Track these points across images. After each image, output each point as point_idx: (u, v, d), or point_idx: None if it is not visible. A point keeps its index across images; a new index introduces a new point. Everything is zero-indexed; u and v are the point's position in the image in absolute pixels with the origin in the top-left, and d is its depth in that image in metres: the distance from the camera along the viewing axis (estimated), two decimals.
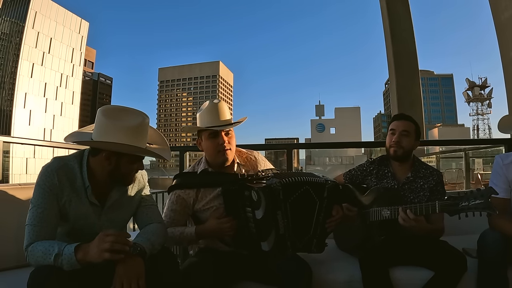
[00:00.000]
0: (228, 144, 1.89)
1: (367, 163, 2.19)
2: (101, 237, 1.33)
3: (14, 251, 1.75)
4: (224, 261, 1.80)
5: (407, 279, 1.80)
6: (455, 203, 1.67)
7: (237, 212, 1.77)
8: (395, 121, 2.10)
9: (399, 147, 2.02)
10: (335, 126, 44.86)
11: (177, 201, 1.91)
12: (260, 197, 1.66)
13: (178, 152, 3.22)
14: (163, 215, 1.91)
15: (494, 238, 1.76)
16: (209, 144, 1.89)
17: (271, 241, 1.67)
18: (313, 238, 1.75)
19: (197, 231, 1.84)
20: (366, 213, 1.98)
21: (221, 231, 1.80)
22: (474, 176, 8.11)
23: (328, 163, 28.38)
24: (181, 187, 1.93)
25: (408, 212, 1.76)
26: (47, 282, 1.27)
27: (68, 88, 74.32)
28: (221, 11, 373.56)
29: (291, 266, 1.72)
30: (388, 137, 2.09)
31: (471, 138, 64.11)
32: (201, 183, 1.92)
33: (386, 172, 2.09)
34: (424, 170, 2.06)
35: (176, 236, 1.85)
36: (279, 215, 1.67)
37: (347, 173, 2.25)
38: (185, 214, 1.93)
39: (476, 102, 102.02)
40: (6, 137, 3.13)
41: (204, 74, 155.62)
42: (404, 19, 9.82)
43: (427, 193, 2.02)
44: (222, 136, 1.87)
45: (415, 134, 2.07)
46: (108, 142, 1.43)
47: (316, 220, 1.74)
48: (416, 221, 1.75)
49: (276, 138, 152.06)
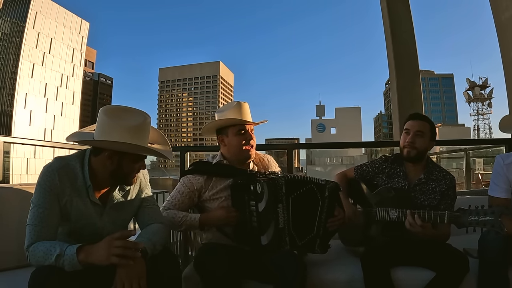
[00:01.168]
0: (253, 141, 1.97)
1: (380, 160, 2.15)
2: (110, 241, 1.33)
3: (15, 251, 1.75)
4: (233, 254, 1.80)
5: (409, 279, 1.80)
6: (464, 217, 1.65)
7: (242, 206, 1.82)
8: (410, 121, 2.05)
9: (413, 147, 1.99)
10: (336, 126, 44.82)
11: (186, 184, 1.96)
12: (263, 189, 1.73)
13: (179, 152, 3.22)
14: (169, 196, 1.99)
15: (495, 238, 1.75)
16: (237, 140, 1.95)
17: (270, 234, 1.72)
18: (316, 237, 1.78)
19: (202, 217, 1.88)
20: (373, 211, 1.97)
21: (227, 219, 1.84)
22: (474, 176, 8.11)
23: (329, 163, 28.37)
24: (193, 172, 1.99)
25: (416, 217, 1.74)
26: (47, 282, 1.27)
27: (69, 88, 74.29)
28: (221, 11, 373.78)
29: (285, 262, 1.72)
30: (402, 137, 2.05)
31: (472, 138, 64.09)
32: (212, 172, 1.97)
33: (398, 171, 2.06)
34: (437, 172, 2.02)
35: (178, 218, 1.87)
36: (280, 208, 1.72)
37: (359, 168, 2.20)
38: (190, 199, 1.96)
39: (477, 102, 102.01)
40: (7, 137, 3.13)
41: (204, 74, 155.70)
42: (405, 20, 9.80)
43: (438, 196, 1.98)
44: (250, 132, 1.96)
45: (430, 134, 2.02)
46: (111, 141, 1.43)
47: (319, 219, 1.77)
48: (423, 227, 1.73)
49: (277, 138, 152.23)
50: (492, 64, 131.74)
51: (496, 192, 1.96)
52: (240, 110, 1.98)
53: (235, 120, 1.96)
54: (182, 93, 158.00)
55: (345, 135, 40.65)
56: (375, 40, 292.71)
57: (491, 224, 1.60)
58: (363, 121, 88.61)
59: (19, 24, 69.04)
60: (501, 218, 1.58)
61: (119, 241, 1.34)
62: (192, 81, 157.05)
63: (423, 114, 2.14)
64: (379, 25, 10.92)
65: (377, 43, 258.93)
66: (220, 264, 1.67)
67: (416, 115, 2.08)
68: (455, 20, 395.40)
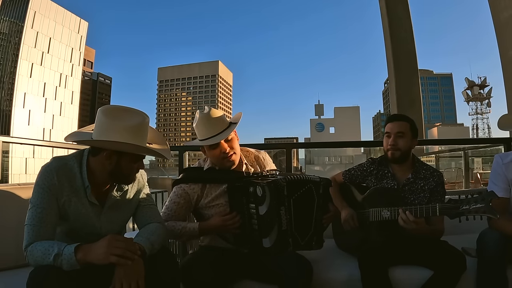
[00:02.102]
0: (231, 149, 1.88)
1: (367, 163, 2.17)
2: (110, 240, 1.33)
3: (13, 251, 1.75)
4: (225, 258, 1.80)
5: (406, 278, 1.80)
6: (456, 206, 1.67)
7: (241, 209, 1.79)
8: (389, 123, 2.07)
9: (396, 149, 2.00)
10: (335, 126, 44.71)
11: (181, 194, 1.90)
12: (265, 192, 1.69)
13: (178, 152, 3.22)
14: (163, 207, 1.92)
15: (494, 238, 1.76)
16: (212, 154, 1.89)
17: (273, 237, 1.69)
18: (313, 235, 1.78)
19: (201, 226, 1.85)
20: (365, 213, 1.98)
21: (225, 228, 1.81)
22: (473, 175, 8.12)
23: (328, 163, 28.39)
24: (187, 181, 1.92)
25: (408, 214, 1.75)
26: (46, 282, 1.27)
27: (68, 88, 74.17)
28: (220, 10, 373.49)
29: (292, 264, 1.73)
30: (385, 141, 2.06)
31: (471, 138, 64.11)
32: (207, 179, 1.92)
33: (386, 173, 2.07)
34: (424, 171, 2.04)
35: (176, 230, 1.84)
36: (282, 211, 1.70)
37: (347, 172, 2.22)
38: (187, 209, 1.92)
39: (476, 101, 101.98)
40: (6, 137, 3.13)
41: (203, 74, 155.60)
42: (403, 19, 9.81)
43: (427, 194, 2.00)
44: (222, 145, 1.86)
45: (410, 133, 2.02)
46: (110, 141, 1.43)
47: (315, 216, 1.77)
48: (416, 223, 1.74)
49: (276, 137, 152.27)
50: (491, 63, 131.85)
51: (495, 191, 1.96)
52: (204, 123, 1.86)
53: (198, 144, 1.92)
54: (181, 92, 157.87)
55: (344, 134, 40.59)
56: (374, 39, 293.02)
57: (482, 210, 1.61)
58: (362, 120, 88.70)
59: (17, 24, 68.87)
60: (491, 203, 1.60)
61: (120, 242, 1.34)
62: (191, 81, 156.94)
63: (401, 114, 2.16)
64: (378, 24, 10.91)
65: (376, 42, 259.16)
66: (206, 272, 1.65)
67: (394, 117, 2.09)
68: (453, 19, 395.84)
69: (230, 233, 1.84)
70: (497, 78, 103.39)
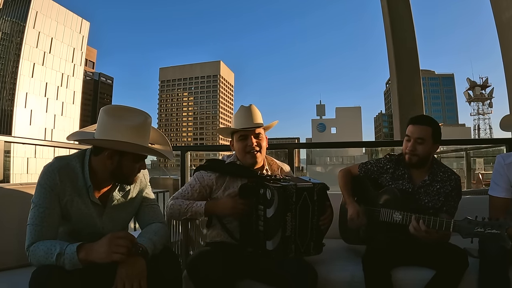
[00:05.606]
0: (257, 146, 1.98)
1: (384, 160, 2.11)
2: (112, 239, 1.33)
3: (15, 251, 1.74)
4: (231, 257, 1.81)
5: (409, 279, 1.80)
6: (470, 227, 1.60)
7: (250, 208, 1.83)
8: (411, 126, 1.98)
9: (414, 155, 1.95)
10: (336, 126, 44.59)
11: (198, 179, 2.01)
12: (274, 196, 1.71)
13: (180, 152, 3.23)
14: (180, 188, 2.03)
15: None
16: (239, 145, 2.00)
17: (276, 241, 1.71)
18: (310, 241, 1.78)
19: (208, 204, 1.91)
20: (376, 211, 1.96)
21: (233, 209, 1.86)
22: (475, 176, 8.10)
23: (329, 163, 28.29)
24: (206, 168, 2.03)
25: (421, 223, 1.70)
26: (48, 282, 1.27)
27: (69, 88, 74.36)
28: (221, 10, 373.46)
29: (296, 268, 1.73)
30: (404, 143, 2.00)
31: (472, 138, 63.98)
32: (225, 170, 2.01)
33: (403, 173, 2.02)
34: (442, 173, 1.98)
35: (183, 206, 1.91)
36: (288, 216, 1.71)
37: (363, 165, 2.16)
38: (201, 194, 1.99)
39: (477, 102, 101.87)
40: (7, 136, 3.13)
41: (205, 74, 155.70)
42: (405, 18, 9.78)
43: (442, 198, 1.95)
44: (251, 138, 1.97)
45: (431, 139, 1.94)
46: (112, 140, 1.43)
47: (311, 223, 1.77)
48: (427, 233, 1.69)
49: (277, 138, 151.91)
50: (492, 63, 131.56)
51: (497, 192, 1.96)
52: (243, 114, 2.01)
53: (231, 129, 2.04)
54: (182, 92, 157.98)
55: (346, 134, 40.50)
56: (375, 39, 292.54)
57: (497, 238, 1.54)
58: (364, 120, 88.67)
59: (19, 24, 69.10)
60: (507, 232, 1.52)
61: (123, 240, 1.34)
62: (193, 81, 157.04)
63: (425, 115, 2.05)
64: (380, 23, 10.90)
65: (377, 42, 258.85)
66: (214, 268, 1.66)
67: (417, 119, 2.00)
68: (455, 19, 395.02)
69: (234, 217, 1.89)
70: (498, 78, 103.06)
